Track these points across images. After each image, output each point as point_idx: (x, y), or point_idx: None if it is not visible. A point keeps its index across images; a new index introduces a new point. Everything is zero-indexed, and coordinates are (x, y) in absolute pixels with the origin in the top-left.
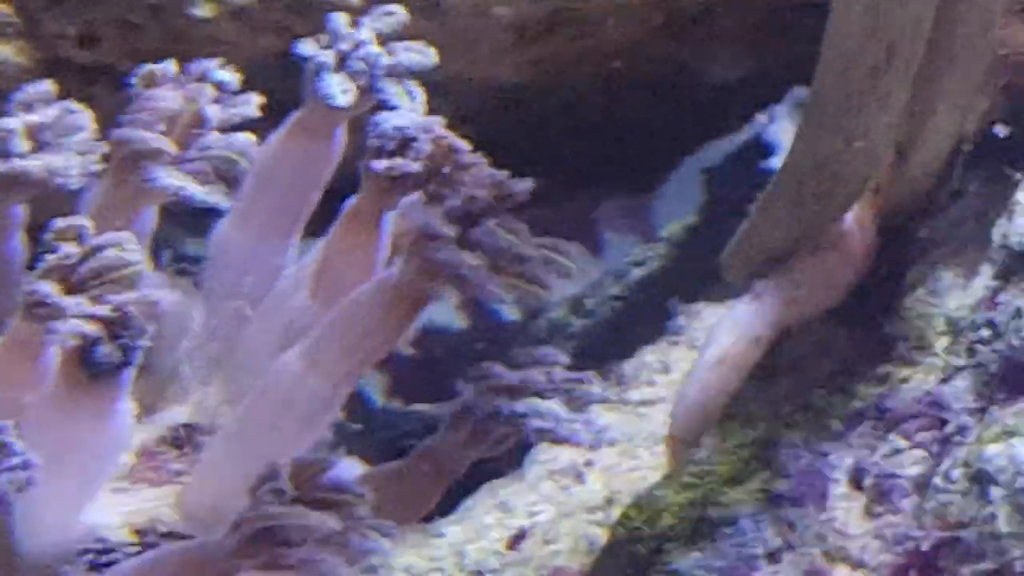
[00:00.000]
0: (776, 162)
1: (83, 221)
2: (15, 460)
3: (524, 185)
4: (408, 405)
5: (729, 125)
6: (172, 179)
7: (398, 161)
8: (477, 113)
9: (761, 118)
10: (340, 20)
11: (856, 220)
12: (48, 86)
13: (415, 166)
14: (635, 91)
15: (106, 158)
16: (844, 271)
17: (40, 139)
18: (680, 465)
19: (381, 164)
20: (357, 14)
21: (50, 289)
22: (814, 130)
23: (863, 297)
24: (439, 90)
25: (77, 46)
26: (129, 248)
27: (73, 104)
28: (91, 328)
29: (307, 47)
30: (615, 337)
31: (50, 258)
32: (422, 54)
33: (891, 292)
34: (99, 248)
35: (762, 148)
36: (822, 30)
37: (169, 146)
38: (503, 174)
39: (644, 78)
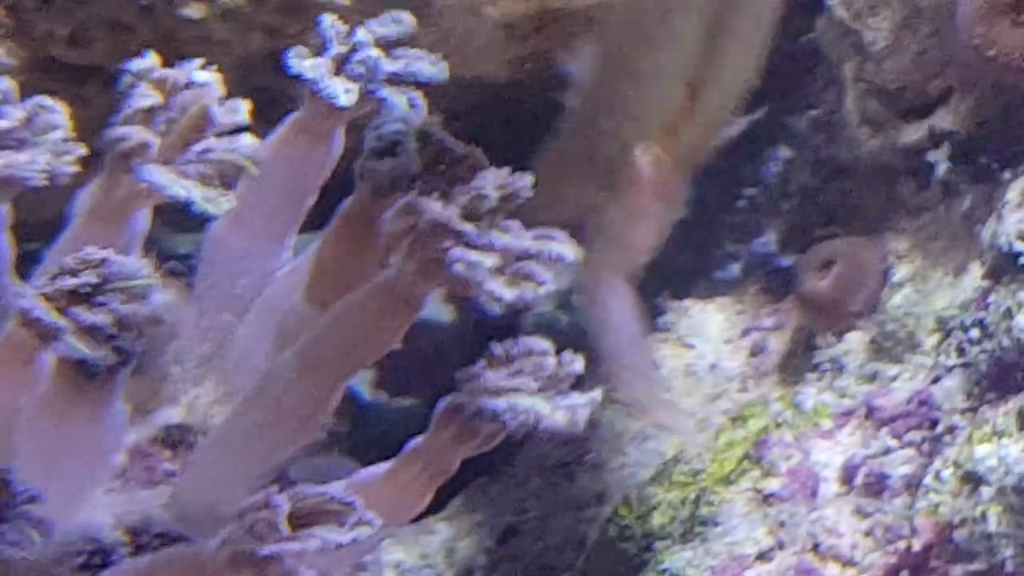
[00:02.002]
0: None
1: (106, 253)
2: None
3: (525, 180)
4: (394, 398)
5: None
6: (161, 176)
7: (400, 161)
8: (468, 111)
9: None
10: (329, 22)
11: (651, 160)
12: (7, 83)
13: (415, 167)
14: None
15: (97, 158)
16: (654, 207)
17: (9, 138)
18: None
19: (383, 165)
20: (346, 14)
21: (44, 308)
22: (608, 70)
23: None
24: (431, 89)
25: (68, 46)
26: (139, 263)
27: (47, 100)
28: (87, 346)
29: (301, 56)
30: None
31: (53, 273)
32: (435, 66)
33: None
34: (108, 260)
35: None
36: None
37: (154, 138)
38: (505, 171)
39: None
